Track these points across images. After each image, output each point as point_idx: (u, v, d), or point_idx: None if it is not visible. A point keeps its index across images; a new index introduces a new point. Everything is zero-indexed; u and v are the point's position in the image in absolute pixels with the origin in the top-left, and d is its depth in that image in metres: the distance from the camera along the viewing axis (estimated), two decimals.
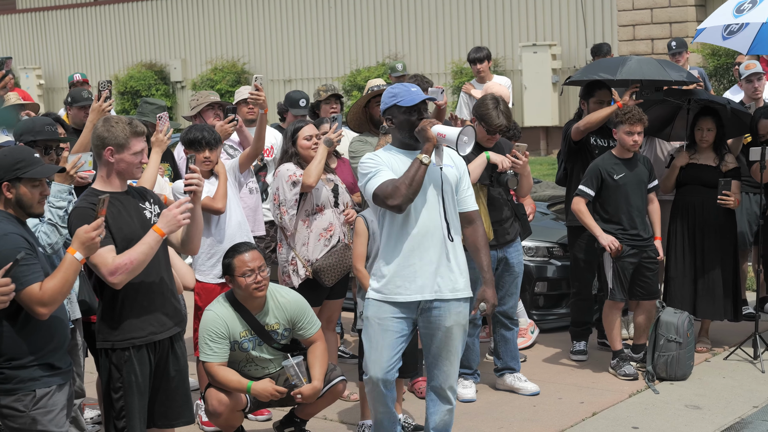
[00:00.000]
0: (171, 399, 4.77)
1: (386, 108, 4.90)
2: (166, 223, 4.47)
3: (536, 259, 7.77)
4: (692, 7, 13.77)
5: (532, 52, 15.71)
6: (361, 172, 4.87)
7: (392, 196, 4.69)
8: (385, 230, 4.89)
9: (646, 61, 7.44)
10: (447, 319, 4.94)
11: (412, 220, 4.82)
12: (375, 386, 4.98)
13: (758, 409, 6.10)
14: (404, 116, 4.84)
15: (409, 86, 4.91)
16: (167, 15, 20.80)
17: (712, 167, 7.05)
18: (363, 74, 17.29)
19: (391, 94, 4.90)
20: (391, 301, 4.88)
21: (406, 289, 4.86)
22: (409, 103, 4.81)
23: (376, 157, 4.86)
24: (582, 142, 7.12)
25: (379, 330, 4.90)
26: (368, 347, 4.96)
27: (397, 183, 4.70)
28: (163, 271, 4.73)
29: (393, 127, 4.92)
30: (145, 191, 4.84)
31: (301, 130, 6.16)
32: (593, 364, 7.04)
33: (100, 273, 4.44)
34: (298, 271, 6.09)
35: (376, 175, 4.77)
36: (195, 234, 4.82)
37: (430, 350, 5.02)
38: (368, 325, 4.95)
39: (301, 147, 6.14)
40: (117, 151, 4.55)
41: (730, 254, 7.19)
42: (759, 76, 7.75)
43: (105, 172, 4.62)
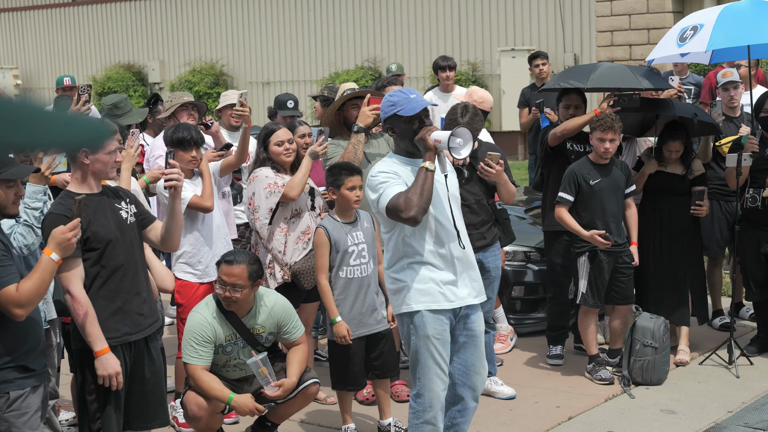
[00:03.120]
0: (146, 401, 4.76)
1: (387, 117, 4.79)
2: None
3: (513, 263, 7.79)
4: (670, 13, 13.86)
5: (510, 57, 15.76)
6: (371, 186, 4.74)
7: (406, 209, 4.55)
8: (406, 244, 4.75)
9: (617, 68, 7.51)
10: (480, 324, 4.94)
11: (432, 230, 4.74)
12: (441, 408, 4.82)
13: (733, 413, 6.13)
14: (405, 125, 4.74)
15: (408, 93, 4.80)
16: (146, 16, 20.73)
17: (679, 176, 7.11)
18: (342, 77, 17.29)
19: (390, 102, 4.77)
20: (443, 309, 4.77)
21: (452, 296, 4.79)
22: (410, 113, 4.71)
23: (385, 172, 4.72)
24: (558, 147, 7.15)
25: (440, 344, 4.76)
26: (430, 366, 4.76)
27: (409, 195, 4.56)
28: (140, 271, 4.72)
29: (395, 136, 4.83)
30: (120, 191, 4.82)
31: (273, 135, 6.13)
32: (569, 369, 7.07)
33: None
34: (275, 274, 6.08)
35: (386, 189, 4.65)
36: (175, 231, 4.81)
37: (467, 356, 4.93)
38: (428, 344, 4.74)
39: (272, 152, 6.12)
40: (91, 151, 4.52)
41: (697, 259, 7.28)
42: (735, 85, 7.80)
43: (80, 174, 4.61)
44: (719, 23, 6.89)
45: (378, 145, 6.43)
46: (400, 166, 4.78)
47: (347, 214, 5.68)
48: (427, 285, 4.76)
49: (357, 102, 6.31)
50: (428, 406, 4.81)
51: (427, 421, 4.83)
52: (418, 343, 4.78)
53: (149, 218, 4.88)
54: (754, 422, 5.96)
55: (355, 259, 5.63)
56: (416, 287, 4.76)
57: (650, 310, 6.92)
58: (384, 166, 4.79)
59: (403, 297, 4.79)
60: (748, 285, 7.28)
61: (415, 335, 4.80)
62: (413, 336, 4.81)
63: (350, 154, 6.11)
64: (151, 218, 4.89)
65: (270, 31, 19.07)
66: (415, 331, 4.79)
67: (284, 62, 18.98)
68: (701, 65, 11.87)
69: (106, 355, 4.49)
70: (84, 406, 4.64)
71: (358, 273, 5.64)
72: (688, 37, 7.02)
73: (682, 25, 7.22)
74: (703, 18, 7.10)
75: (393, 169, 4.74)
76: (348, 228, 5.65)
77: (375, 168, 4.83)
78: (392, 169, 4.74)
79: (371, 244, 5.73)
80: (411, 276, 4.77)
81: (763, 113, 7.08)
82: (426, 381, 4.79)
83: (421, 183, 4.58)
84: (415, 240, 4.75)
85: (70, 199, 4.39)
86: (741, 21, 6.88)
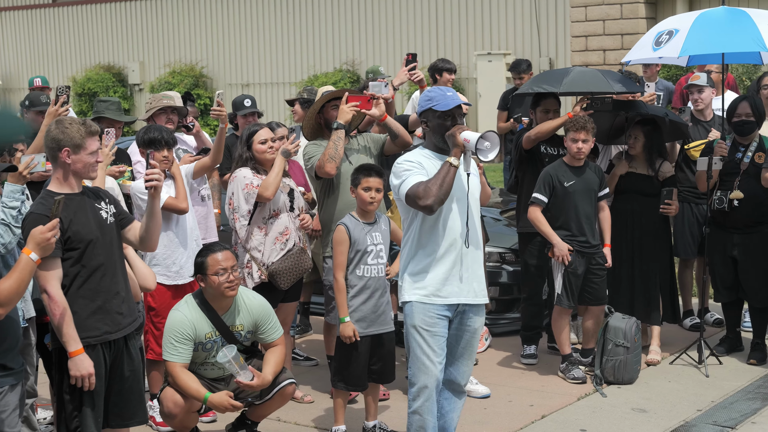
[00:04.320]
0: (125, 399, 4.79)
1: (422, 111, 4.94)
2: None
3: (489, 264, 7.86)
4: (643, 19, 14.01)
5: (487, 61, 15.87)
6: (395, 173, 4.88)
7: (424, 197, 4.70)
8: (420, 236, 4.89)
9: (589, 72, 7.60)
10: (476, 322, 5.04)
11: (448, 225, 4.87)
12: (428, 397, 4.94)
13: (702, 412, 6.21)
14: (438, 120, 4.88)
15: (445, 90, 4.94)
16: (126, 17, 20.71)
17: (648, 177, 7.21)
18: (320, 80, 17.34)
19: (428, 97, 4.94)
20: (438, 303, 4.89)
21: (450, 292, 4.90)
22: (444, 108, 4.85)
23: (411, 161, 4.87)
24: (533, 150, 7.23)
25: (429, 336, 4.89)
26: (417, 356, 4.90)
27: (429, 184, 4.72)
28: (119, 271, 4.75)
29: (428, 129, 4.96)
30: (100, 191, 4.86)
31: (256, 134, 6.19)
32: (543, 368, 7.14)
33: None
34: (253, 274, 6.12)
35: (409, 177, 4.80)
36: (154, 231, 4.85)
37: (455, 350, 5.04)
38: (415, 333, 4.91)
39: (256, 151, 6.17)
40: (74, 151, 4.57)
41: (666, 259, 7.37)
42: (699, 89, 7.90)
43: (61, 174, 4.63)
44: (694, 29, 6.96)
45: (357, 143, 6.46)
46: (426, 159, 4.90)
47: (367, 215, 5.73)
48: (425, 278, 4.88)
49: (336, 103, 6.35)
50: (416, 395, 4.94)
51: (415, 410, 4.95)
52: (407, 331, 4.94)
53: (128, 218, 4.91)
54: (723, 420, 6.05)
55: (372, 259, 5.69)
56: (414, 279, 4.90)
57: (622, 311, 7.02)
58: (411, 156, 4.94)
59: (404, 287, 4.95)
60: (716, 286, 7.38)
61: (405, 324, 4.96)
62: (405, 325, 4.97)
63: (331, 150, 6.12)
64: (130, 218, 4.93)
65: (249, 33, 19.11)
66: (405, 320, 4.95)
67: (263, 64, 19.03)
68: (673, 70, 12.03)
69: (80, 356, 4.52)
70: (62, 405, 4.66)
71: (375, 272, 5.70)
72: (663, 41, 7.11)
73: (659, 29, 7.29)
74: (679, 23, 7.19)
75: (418, 160, 4.88)
76: (368, 228, 5.71)
77: (402, 156, 4.98)
78: (417, 160, 4.88)
79: (388, 245, 5.81)
80: (414, 267, 4.92)
81: (735, 118, 7.17)
82: (415, 370, 4.93)
83: (443, 175, 4.72)
84: (428, 233, 4.88)
85: (51, 199, 4.41)
86: (715, 28, 6.96)
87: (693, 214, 7.87)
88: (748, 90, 9.00)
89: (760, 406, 6.27)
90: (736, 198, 7.08)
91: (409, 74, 6.71)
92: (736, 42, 6.89)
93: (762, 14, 7.00)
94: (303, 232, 6.31)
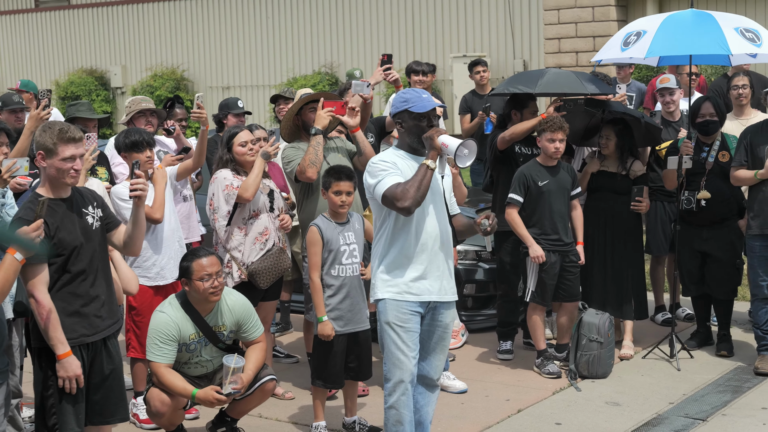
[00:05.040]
0: (106, 397, 4.81)
1: (397, 112, 4.96)
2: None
3: (465, 262, 7.96)
4: (614, 21, 14.15)
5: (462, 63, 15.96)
6: (370, 172, 4.90)
7: (402, 199, 4.73)
8: (393, 235, 4.93)
9: (563, 74, 7.69)
10: (447, 317, 5.10)
11: (422, 225, 4.92)
12: (404, 391, 4.98)
13: (674, 405, 6.30)
14: (414, 122, 4.91)
15: (420, 92, 4.97)
16: (108, 22, 20.70)
17: (620, 175, 7.32)
18: (300, 82, 17.41)
19: (403, 99, 4.95)
20: (411, 300, 4.94)
21: (422, 289, 4.95)
22: (420, 110, 4.88)
23: (386, 161, 4.91)
24: (507, 151, 7.32)
25: (403, 332, 4.93)
26: (392, 351, 4.95)
27: (407, 186, 4.75)
28: (101, 275, 4.75)
29: (402, 131, 4.99)
30: (89, 194, 4.83)
31: (236, 136, 6.25)
32: (519, 363, 7.21)
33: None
34: (233, 273, 6.17)
35: (385, 177, 4.82)
36: (138, 237, 4.86)
37: (428, 346, 5.10)
38: (388, 330, 4.95)
39: (236, 153, 6.23)
40: (47, 156, 4.54)
41: (638, 256, 7.48)
42: (671, 91, 8.04)
43: (44, 177, 4.63)
44: (661, 31, 7.06)
45: (335, 145, 6.54)
46: (401, 160, 4.94)
47: (339, 216, 5.79)
48: (398, 276, 4.93)
49: (314, 105, 6.40)
50: (392, 391, 4.98)
51: (391, 405, 5.00)
52: (381, 328, 4.99)
53: (114, 222, 4.91)
54: (694, 413, 6.15)
55: (347, 259, 5.75)
56: (387, 277, 4.95)
57: (595, 307, 7.14)
58: (385, 156, 4.97)
59: (376, 285, 4.99)
60: (684, 281, 7.50)
61: (379, 321, 5.01)
62: (378, 322, 5.02)
63: (311, 155, 6.19)
64: (117, 222, 4.93)
65: (230, 37, 19.15)
66: (378, 317, 5.01)
67: (243, 67, 19.08)
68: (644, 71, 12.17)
69: (68, 359, 4.55)
70: (41, 403, 4.69)
71: (349, 272, 5.76)
72: (631, 42, 7.22)
73: (628, 29, 7.38)
74: (647, 25, 7.28)
75: (393, 160, 4.92)
76: (340, 228, 5.77)
77: (376, 156, 5.02)
78: (392, 160, 4.92)
79: (362, 244, 5.88)
80: (387, 266, 4.95)
81: (699, 118, 7.29)
82: (390, 366, 4.97)
83: (420, 178, 4.75)
84: (401, 232, 4.92)
85: (37, 201, 4.41)
86: (682, 30, 7.05)
87: (665, 212, 8.00)
88: (710, 89, 9.13)
89: (730, 399, 6.38)
90: (703, 198, 7.22)
91: (384, 74, 6.81)
92: (702, 44, 6.98)
93: (728, 17, 7.12)
94: (283, 232, 6.40)
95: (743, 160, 6.93)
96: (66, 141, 4.54)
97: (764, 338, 6.95)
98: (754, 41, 6.95)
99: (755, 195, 6.89)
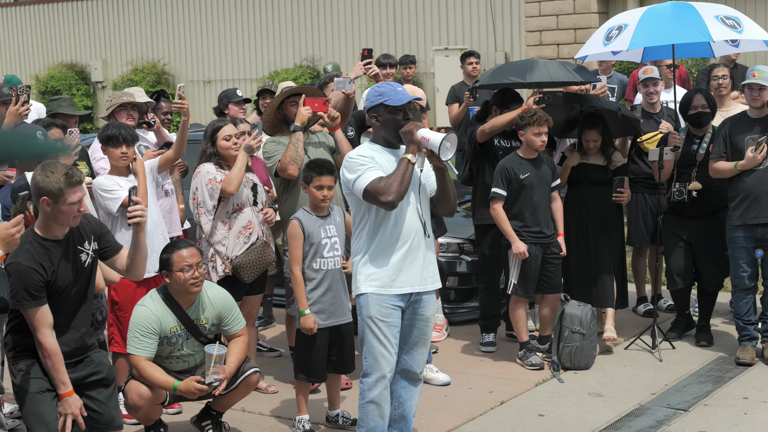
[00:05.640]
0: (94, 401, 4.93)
1: (372, 106, 4.93)
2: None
3: (447, 254, 7.98)
4: (595, 14, 14.19)
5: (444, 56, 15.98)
6: (348, 167, 4.87)
7: (385, 193, 4.70)
8: (373, 228, 4.91)
9: (551, 63, 7.72)
10: (428, 309, 5.07)
11: (402, 218, 4.89)
12: (386, 386, 4.95)
13: (656, 395, 6.34)
14: (390, 115, 4.88)
15: (395, 86, 4.95)
16: (88, 16, 20.60)
17: (601, 167, 7.35)
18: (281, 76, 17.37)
19: (378, 92, 4.92)
20: (392, 293, 4.92)
21: (404, 282, 4.93)
22: (396, 103, 4.86)
23: (364, 155, 4.87)
24: (486, 144, 7.32)
25: (385, 326, 4.91)
26: (374, 346, 4.92)
27: (389, 180, 4.72)
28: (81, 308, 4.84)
29: (378, 125, 4.96)
30: (89, 227, 4.83)
31: (220, 130, 6.24)
32: (502, 355, 7.23)
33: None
34: (217, 267, 6.18)
35: (366, 172, 4.78)
36: (140, 261, 4.90)
37: (409, 339, 5.08)
38: (371, 324, 4.91)
39: (220, 147, 6.23)
40: (53, 201, 4.53)
41: (619, 247, 7.52)
42: (654, 82, 8.08)
43: (43, 219, 4.63)
44: (642, 23, 7.15)
45: (317, 140, 6.54)
46: (378, 153, 4.92)
47: (320, 209, 5.79)
48: (379, 270, 4.90)
49: (295, 99, 6.41)
50: (372, 385, 4.95)
51: (371, 400, 4.97)
52: (363, 323, 4.97)
53: (115, 248, 4.95)
54: (676, 403, 6.18)
55: (328, 252, 5.74)
56: (368, 271, 4.92)
57: (577, 298, 7.16)
58: (362, 150, 4.94)
59: (358, 280, 4.97)
60: (670, 274, 7.52)
61: (360, 316, 4.99)
62: (359, 316, 5.00)
63: (292, 153, 6.20)
64: (117, 248, 4.96)
65: (211, 30, 19.09)
66: (360, 312, 4.99)
67: (225, 61, 19.03)
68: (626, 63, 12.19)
69: (71, 398, 4.69)
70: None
71: (331, 265, 5.74)
72: (613, 36, 7.29)
73: (609, 24, 7.47)
74: (628, 18, 7.37)
75: (370, 155, 4.89)
76: (321, 221, 5.76)
77: (353, 151, 4.98)
78: (370, 154, 4.89)
79: (343, 237, 5.87)
80: (368, 260, 4.93)
81: (691, 110, 7.32)
82: (371, 360, 4.95)
83: (402, 172, 4.73)
84: (381, 226, 4.90)
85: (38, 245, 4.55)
86: (663, 21, 7.13)
87: (647, 204, 8.03)
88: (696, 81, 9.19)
89: (712, 389, 6.42)
90: (694, 189, 7.26)
91: (364, 69, 6.82)
92: (684, 33, 7.06)
93: (707, 6, 7.18)
94: (266, 226, 6.39)
95: (722, 152, 6.96)
96: (73, 185, 4.54)
97: (745, 329, 7.00)
98: (735, 27, 7.03)
99: (736, 186, 6.92)
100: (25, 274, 4.52)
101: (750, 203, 6.82)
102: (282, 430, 5.92)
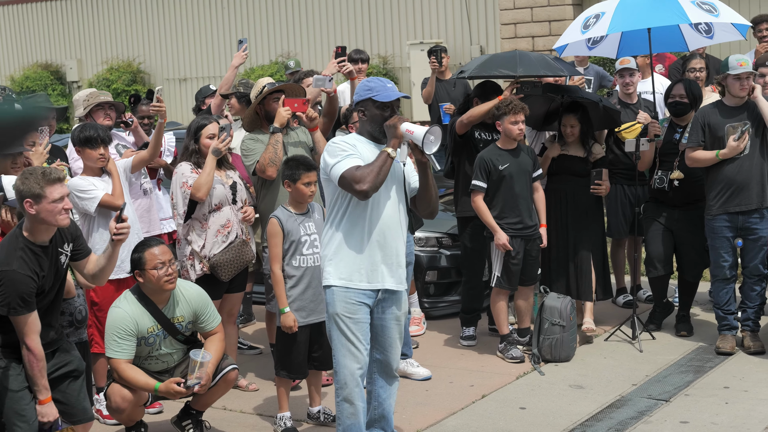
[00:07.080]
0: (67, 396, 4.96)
1: (360, 100, 4.92)
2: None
3: (426, 249, 7.96)
4: (570, 6, 14.19)
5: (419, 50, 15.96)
6: (330, 152, 4.83)
7: (360, 182, 4.66)
8: (348, 219, 4.86)
9: (536, 56, 7.77)
10: (399, 309, 5.03)
11: (378, 211, 4.85)
12: (357, 383, 4.89)
13: (637, 386, 6.36)
14: (378, 111, 4.86)
15: (384, 81, 4.94)
16: (62, 16, 20.46)
17: (580, 158, 7.36)
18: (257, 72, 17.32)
19: (367, 87, 4.91)
20: (359, 288, 4.87)
21: (373, 278, 4.88)
22: (385, 99, 4.85)
23: (347, 142, 4.85)
24: (467, 136, 7.32)
25: (352, 323, 4.86)
26: (342, 343, 4.87)
27: (366, 170, 4.69)
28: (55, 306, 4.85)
29: (364, 119, 4.94)
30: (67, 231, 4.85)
31: (204, 128, 6.21)
32: (482, 349, 7.24)
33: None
34: (195, 266, 6.15)
35: (345, 159, 4.75)
36: (108, 271, 4.95)
37: (382, 339, 5.03)
38: (337, 321, 4.87)
39: (203, 145, 6.20)
40: (35, 202, 4.57)
41: (599, 238, 7.52)
42: (631, 72, 8.10)
43: (30, 223, 4.66)
44: (619, 10, 7.21)
45: (297, 135, 6.52)
46: (361, 144, 4.89)
47: (300, 206, 5.76)
48: (349, 263, 4.86)
49: (277, 95, 6.41)
50: (343, 384, 4.91)
51: (344, 398, 4.92)
52: (329, 319, 4.93)
53: (85, 252, 4.97)
54: (657, 393, 6.21)
55: (308, 249, 5.70)
56: (337, 263, 4.88)
57: (557, 290, 7.17)
58: (346, 138, 4.92)
59: (326, 271, 4.92)
60: (650, 260, 7.49)
61: (326, 312, 4.96)
62: (327, 313, 4.96)
63: (271, 154, 6.19)
64: (87, 252, 4.99)
65: (185, 28, 19.00)
66: (327, 308, 4.95)
67: (200, 58, 18.94)
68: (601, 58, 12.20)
69: (49, 404, 4.74)
70: None
71: (311, 262, 5.71)
72: (591, 24, 7.32)
73: (587, 14, 7.51)
74: (604, 7, 7.43)
75: (353, 143, 4.86)
76: (301, 219, 5.72)
77: (337, 137, 4.95)
78: (353, 143, 4.86)
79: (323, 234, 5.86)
80: (338, 251, 4.88)
81: (670, 99, 7.37)
82: (339, 357, 4.91)
83: (380, 164, 4.71)
84: (354, 217, 4.86)
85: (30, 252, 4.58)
86: (639, 6, 7.19)
87: (626, 195, 8.04)
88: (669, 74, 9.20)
89: (692, 379, 6.45)
90: (676, 178, 7.28)
91: (338, 66, 6.78)
92: (661, 17, 7.10)
93: None
94: (246, 224, 6.34)
95: (701, 141, 6.97)
96: (52, 182, 4.60)
97: (725, 318, 7.02)
98: (712, 12, 7.06)
99: (715, 175, 6.93)
100: (20, 282, 4.55)
101: (732, 191, 6.83)
102: (263, 428, 5.90)
